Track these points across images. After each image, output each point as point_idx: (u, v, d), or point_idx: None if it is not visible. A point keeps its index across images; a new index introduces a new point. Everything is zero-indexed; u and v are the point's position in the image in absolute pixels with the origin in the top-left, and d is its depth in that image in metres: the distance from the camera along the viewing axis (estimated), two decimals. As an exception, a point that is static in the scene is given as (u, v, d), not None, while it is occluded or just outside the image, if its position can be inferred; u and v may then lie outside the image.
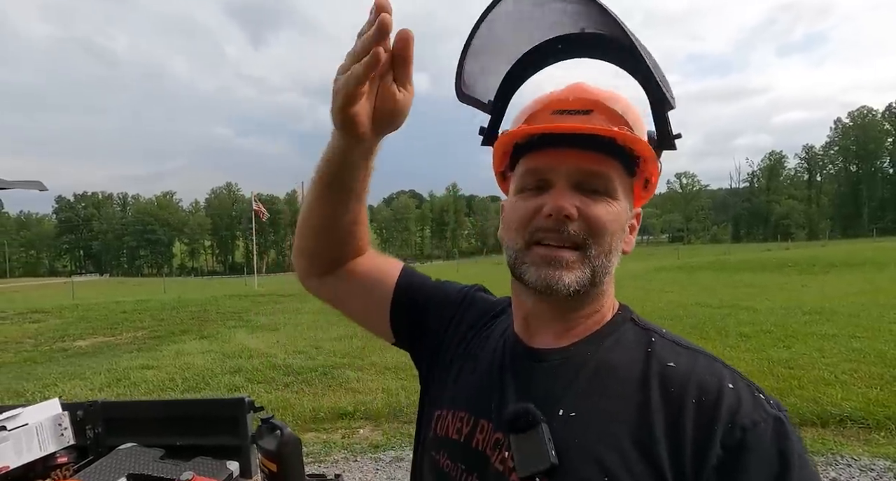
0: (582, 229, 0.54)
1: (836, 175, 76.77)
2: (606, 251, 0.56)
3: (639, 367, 0.55)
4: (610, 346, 0.58)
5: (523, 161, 0.58)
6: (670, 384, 0.53)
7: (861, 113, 73.18)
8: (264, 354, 6.34)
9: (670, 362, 0.55)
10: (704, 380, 0.52)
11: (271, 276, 45.60)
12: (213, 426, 1.38)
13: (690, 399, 0.51)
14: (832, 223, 71.52)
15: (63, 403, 1.37)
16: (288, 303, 12.16)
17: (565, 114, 0.56)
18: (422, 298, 0.73)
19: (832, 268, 14.75)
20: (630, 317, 0.62)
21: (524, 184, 0.58)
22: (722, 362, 0.56)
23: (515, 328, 0.64)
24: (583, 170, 0.55)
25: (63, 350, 7.57)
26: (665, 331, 0.60)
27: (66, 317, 10.95)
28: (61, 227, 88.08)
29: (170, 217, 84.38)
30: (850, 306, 7.72)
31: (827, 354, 4.98)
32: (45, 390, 5.14)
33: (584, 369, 0.57)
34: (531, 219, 0.56)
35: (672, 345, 0.58)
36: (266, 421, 1.17)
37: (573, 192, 0.55)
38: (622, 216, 0.57)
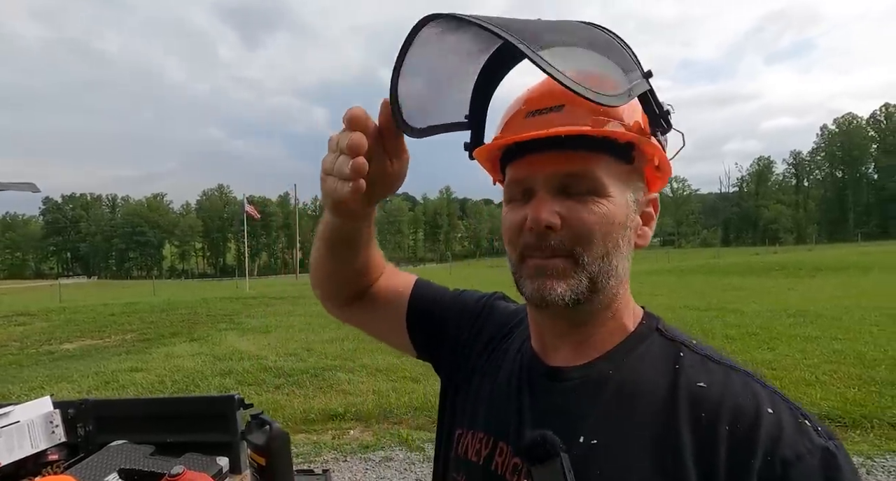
0: (567, 237, 0.50)
1: (822, 180, 78.20)
2: (602, 254, 0.51)
3: (665, 387, 0.50)
4: (633, 362, 0.53)
5: (507, 170, 0.56)
6: (700, 408, 0.47)
7: (846, 120, 74.73)
8: (255, 356, 6.32)
9: (700, 381, 0.49)
10: (739, 404, 0.46)
11: (263, 279, 45.28)
12: (203, 423, 1.40)
13: (723, 425, 0.45)
14: (819, 228, 72.72)
15: (54, 401, 1.39)
16: (279, 305, 12.11)
17: (537, 115, 0.52)
18: (437, 310, 0.71)
19: (818, 271, 15.02)
20: (656, 326, 0.56)
21: (510, 195, 0.55)
22: (761, 381, 0.50)
23: (532, 343, 0.61)
24: (561, 173, 0.50)
25: (49, 353, 7.47)
26: (696, 342, 0.54)
27: (52, 320, 10.81)
28: (48, 229, 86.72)
29: (160, 219, 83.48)
30: (834, 309, 7.89)
31: (809, 356, 5.09)
32: (32, 393, 5.08)
33: (605, 389, 0.52)
34: (519, 233, 0.53)
35: (703, 360, 0.52)
36: (255, 417, 1.20)
37: (556, 198, 0.51)
38: (616, 212, 0.51)
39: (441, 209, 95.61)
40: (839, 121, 75.20)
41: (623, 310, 0.56)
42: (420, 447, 3.53)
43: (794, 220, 75.61)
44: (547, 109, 0.52)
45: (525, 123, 0.53)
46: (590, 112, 0.50)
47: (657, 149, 0.53)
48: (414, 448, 3.52)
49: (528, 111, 0.53)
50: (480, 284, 9.79)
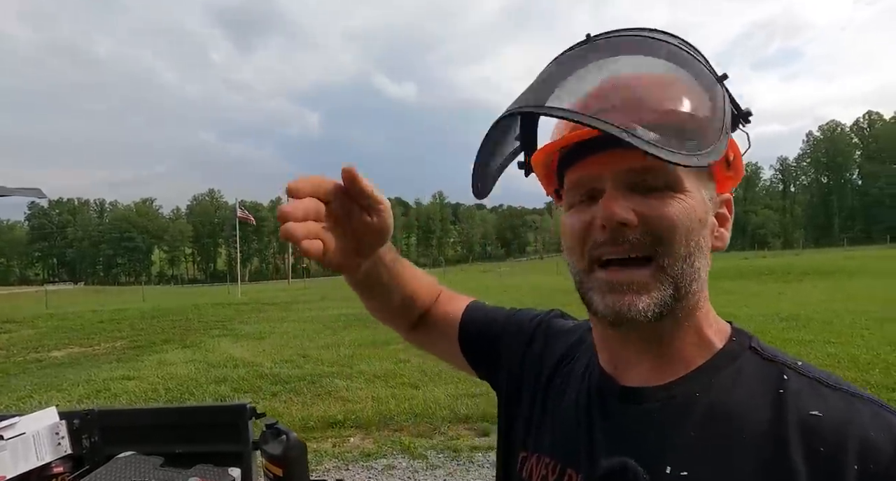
0: (647, 234, 0.44)
1: (808, 186, 79.74)
2: (685, 255, 0.44)
3: (769, 415, 0.42)
4: (726, 385, 0.45)
5: (567, 176, 0.50)
6: (817, 440, 0.40)
7: (830, 126, 76.43)
8: (250, 363, 6.24)
9: (814, 410, 0.41)
10: (870, 438, 0.39)
11: (254, 284, 44.81)
12: (214, 433, 1.37)
13: (851, 464, 0.38)
14: (805, 232, 74.04)
15: (60, 411, 1.35)
16: (272, 311, 12.00)
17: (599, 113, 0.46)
18: (490, 333, 0.70)
19: (806, 276, 15.25)
20: (750, 344, 0.48)
21: (573, 199, 0.50)
22: (891, 409, 0.41)
23: (601, 361, 0.54)
24: (633, 168, 0.45)
25: (38, 361, 7.31)
26: (802, 363, 0.46)
27: (39, 327, 10.59)
28: (34, 234, 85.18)
29: (149, 224, 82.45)
30: (824, 313, 8.01)
31: (804, 359, 5.15)
32: (20, 402, 4.96)
33: (692, 414, 0.45)
34: (586, 236, 0.47)
35: (814, 384, 0.44)
36: (271, 427, 1.18)
37: (627, 194, 0.45)
38: (696, 208, 0.45)
39: (434, 214, 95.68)
40: (824, 128, 76.90)
41: (706, 323, 0.49)
42: (422, 454, 3.50)
43: (781, 225, 76.90)
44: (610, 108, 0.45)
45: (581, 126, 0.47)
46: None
47: (733, 146, 0.48)
48: (416, 456, 3.49)
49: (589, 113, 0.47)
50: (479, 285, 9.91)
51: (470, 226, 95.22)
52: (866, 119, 74.72)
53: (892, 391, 4.02)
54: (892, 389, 4.06)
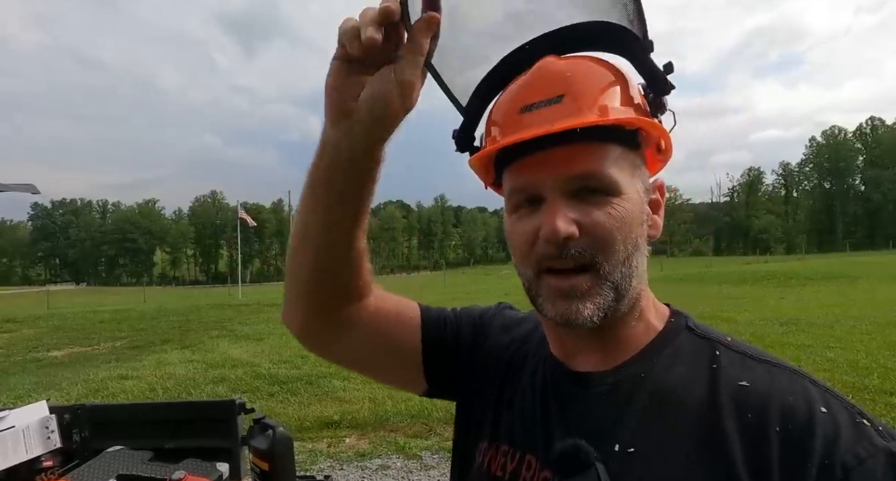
0: (587, 245, 0.46)
1: (811, 191, 79.53)
2: (623, 259, 0.47)
3: (704, 388, 0.46)
4: (666, 363, 0.49)
5: (507, 175, 0.51)
6: (746, 408, 0.44)
7: (833, 132, 76.29)
8: (248, 364, 6.24)
9: (743, 380, 0.46)
10: (789, 403, 0.43)
11: (255, 286, 44.87)
12: (203, 428, 1.38)
13: (773, 427, 0.42)
14: (808, 237, 73.77)
15: (50, 406, 1.37)
16: (272, 312, 11.99)
17: (533, 109, 0.47)
18: (450, 334, 0.65)
19: (808, 280, 15.19)
20: (685, 323, 0.53)
21: (514, 204, 0.51)
22: (809, 377, 0.46)
23: (552, 350, 0.57)
24: (573, 175, 0.46)
25: (37, 360, 7.33)
26: (731, 339, 0.51)
27: (40, 327, 10.62)
28: (36, 235, 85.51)
29: (151, 225, 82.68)
30: (825, 317, 7.97)
31: (802, 364, 5.12)
32: (18, 401, 4.96)
33: (638, 393, 0.48)
34: (532, 245, 0.49)
35: (742, 358, 0.48)
36: (258, 421, 1.19)
37: (569, 202, 0.47)
38: (633, 210, 0.48)
39: (435, 217, 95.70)
40: (827, 134, 76.76)
41: (647, 309, 0.53)
42: (417, 455, 3.49)
43: (783, 230, 76.66)
44: (544, 102, 0.47)
45: (522, 119, 0.48)
46: (589, 99, 0.46)
47: (662, 131, 0.50)
48: (411, 456, 3.49)
49: (523, 106, 0.48)
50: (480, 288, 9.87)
51: (471, 229, 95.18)
52: (869, 124, 74.61)
53: (890, 395, 4.00)
54: (889, 393, 4.04)
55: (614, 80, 0.49)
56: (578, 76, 0.48)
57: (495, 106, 0.54)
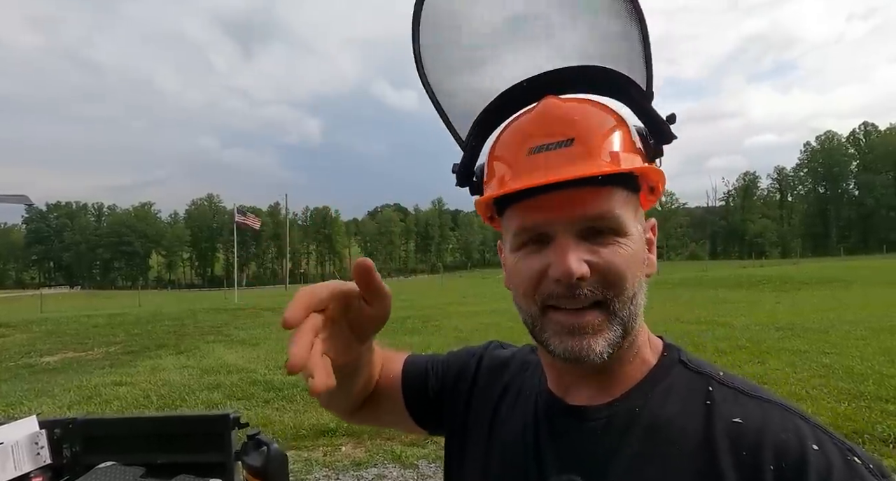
0: (599, 285, 0.47)
1: (805, 196, 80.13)
2: (631, 296, 0.48)
3: (699, 424, 0.47)
4: (660, 398, 0.50)
5: (512, 213, 0.51)
6: (740, 445, 0.44)
7: (827, 137, 77.03)
8: (244, 369, 6.19)
9: (736, 417, 0.46)
10: (782, 440, 0.43)
11: (251, 290, 44.68)
12: (197, 443, 1.36)
13: (768, 464, 0.42)
14: (802, 242, 74.22)
15: (41, 420, 1.34)
16: (268, 316, 11.93)
17: (544, 150, 0.48)
18: (433, 379, 0.68)
19: (803, 285, 15.27)
20: (678, 358, 0.53)
21: (520, 242, 0.50)
22: (800, 414, 0.46)
23: (549, 384, 0.57)
24: (585, 216, 0.47)
25: (29, 366, 7.25)
26: (723, 374, 0.51)
27: (33, 332, 10.51)
28: (31, 238, 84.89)
29: (147, 228, 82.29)
30: (820, 322, 7.99)
31: (798, 370, 5.14)
32: (10, 409, 4.91)
33: (633, 428, 0.49)
34: (538, 283, 0.49)
35: (735, 393, 0.49)
36: (252, 437, 1.17)
37: (578, 243, 0.47)
38: (638, 250, 0.49)
39: (433, 220, 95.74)
40: (821, 139, 77.48)
41: (644, 344, 0.53)
42: (413, 464, 3.47)
43: (779, 234, 77.12)
44: (554, 144, 0.48)
45: (532, 161, 0.48)
46: (597, 145, 0.48)
47: (662, 177, 0.52)
48: (408, 465, 3.46)
49: (533, 146, 0.49)
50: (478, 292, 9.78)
51: (468, 233, 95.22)
52: (862, 130, 75.37)
53: (886, 402, 4.01)
54: (885, 400, 4.05)
55: (616, 124, 0.50)
56: (585, 120, 0.49)
57: (498, 142, 0.54)
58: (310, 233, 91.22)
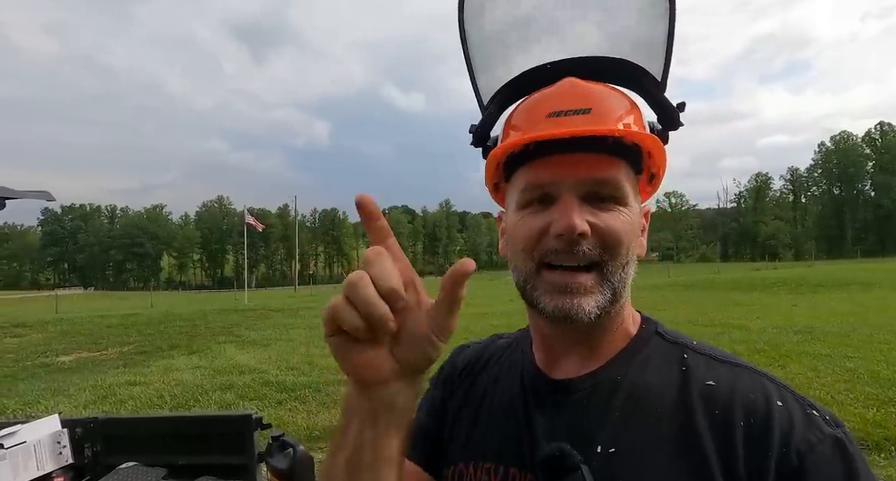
0: (597, 245, 0.49)
1: (820, 197, 78.80)
2: (623, 264, 0.51)
3: (676, 389, 0.50)
4: (640, 366, 0.53)
5: (521, 172, 0.53)
6: (714, 405, 0.48)
7: (842, 137, 75.75)
8: (256, 370, 6.20)
9: (709, 380, 0.50)
10: (750, 399, 0.48)
11: (261, 290, 45.02)
12: (218, 444, 1.33)
13: (738, 421, 0.46)
14: (816, 244, 72.93)
15: (63, 419, 1.32)
16: (279, 317, 11.98)
17: (563, 115, 0.51)
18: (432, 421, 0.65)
19: (820, 287, 14.95)
20: (656, 330, 0.57)
21: (527, 199, 0.52)
22: (767, 375, 0.51)
23: (536, 359, 0.59)
24: (591, 179, 0.50)
25: (45, 365, 7.33)
26: (696, 342, 0.55)
27: (48, 332, 10.66)
28: (46, 240, 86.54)
29: (159, 230, 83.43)
30: (841, 326, 7.81)
31: (822, 374, 5.00)
32: (27, 407, 4.96)
33: (616, 396, 0.52)
34: (539, 239, 0.51)
35: (707, 359, 0.53)
36: (277, 439, 1.14)
37: (582, 205, 0.50)
38: (635, 222, 0.52)
39: (440, 222, 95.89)
40: (836, 139, 76.19)
41: (627, 317, 0.57)
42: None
43: (792, 236, 75.91)
44: (572, 111, 0.51)
45: (548, 123, 0.51)
46: (613, 117, 0.51)
47: (663, 161, 0.54)
48: (422, 468, 3.41)
49: (552, 111, 0.52)
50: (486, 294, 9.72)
51: (476, 235, 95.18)
52: (878, 129, 73.94)
53: (916, 408, 3.87)
54: (915, 406, 3.91)
55: (631, 107, 0.54)
56: (602, 96, 0.53)
57: (516, 111, 0.58)
58: (318, 234, 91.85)
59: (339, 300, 0.37)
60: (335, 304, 0.37)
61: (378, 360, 0.39)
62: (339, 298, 0.37)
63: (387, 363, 0.39)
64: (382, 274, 0.37)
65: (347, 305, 0.36)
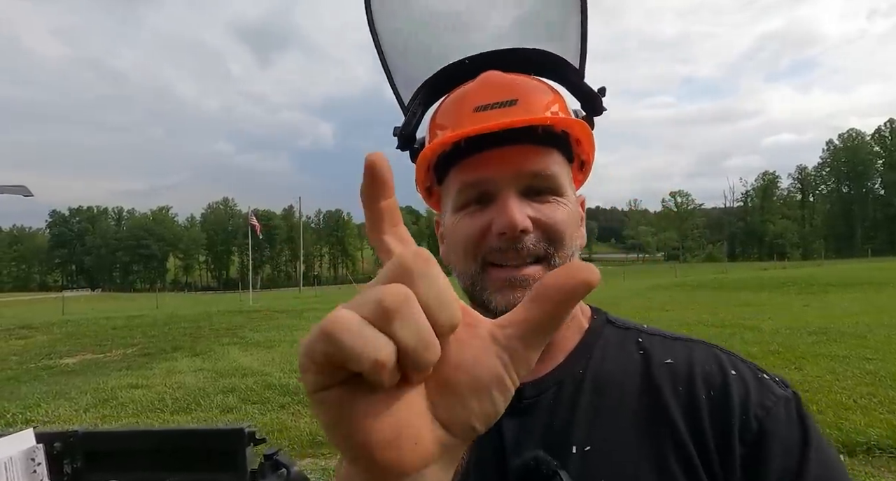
0: (541, 240, 0.49)
1: (828, 195, 77.90)
2: (569, 255, 0.50)
3: (638, 373, 0.50)
4: (599, 357, 0.52)
5: (455, 173, 0.52)
6: (676, 382, 0.48)
7: (850, 135, 74.91)
8: (259, 372, 6.12)
9: (668, 359, 0.50)
10: (707, 371, 0.49)
11: (266, 292, 45.13)
12: (209, 460, 1.23)
13: (700, 394, 0.47)
14: (825, 243, 72.06)
15: (38, 433, 1.22)
16: (283, 319, 11.92)
17: (489, 109, 0.49)
18: None
19: (831, 287, 14.69)
20: (607, 319, 0.57)
21: (464, 200, 0.51)
22: (717, 347, 0.52)
23: None
24: (527, 172, 0.49)
25: (49, 367, 7.30)
26: (646, 326, 0.56)
27: (54, 333, 10.66)
28: (54, 242, 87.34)
29: (164, 232, 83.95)
30: (856, 326, 7.61)
31: (840, 377, 4.83)
32: (28, 411, 4.90)
33: (581, 391, 0.50)
34: (481, 240, 0.50)
35: (661, 339, 0.53)
36: (270, 457, 1.04)
37: (521, 200, 0.49)
38: (574, 212, 0.52)
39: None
40: (844, 137, 75.31)
41: (577, 310, 0.56)
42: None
43: (800, 235, 75.08)
44: (498, 104, 0.50)
45: (476, 118, 0.50)
46: (539, 107, 0.50)
47: (592, 148, 0.54)
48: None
49: (477, 106, 0.50)
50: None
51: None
52: (888, 127, 73.00)
53: (944, 413, 3.71)
54: (942, 411, 3.75)
55: (555, 96, 0.54)
56: (526, 86, 0.52)
57: (440, 109, 0.56)
58: (322, 235, 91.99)
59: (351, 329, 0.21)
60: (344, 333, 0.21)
61: (413, 424, 0.23)
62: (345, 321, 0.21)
63: (427, 429, 0.23)
64: (439, 299, 0.22)
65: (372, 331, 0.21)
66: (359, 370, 0.21)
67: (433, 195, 0.59)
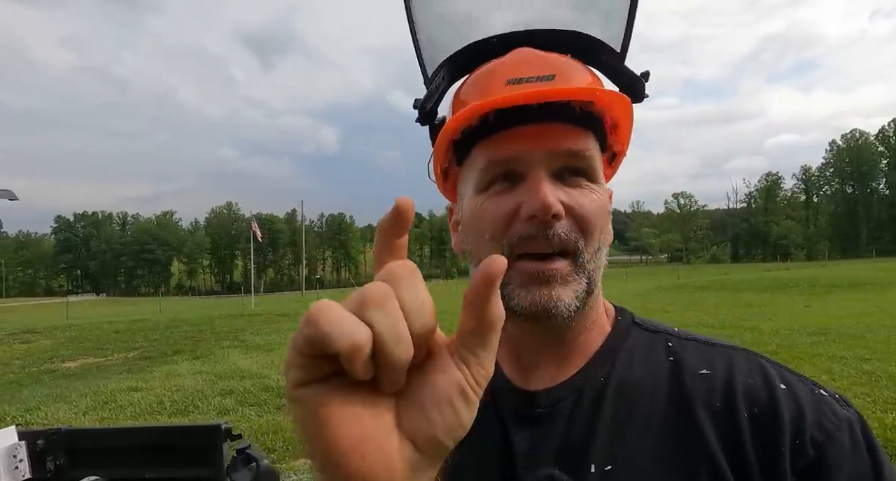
0: (572, 229, 0.43)
1: (832, 196, 77.42)
2: (596, 249, 0.45)
3: (667, 381, 0.44)
4: (625, 362, 0.47)
5: (480, 149, 0.46)
6: (712, 396, 0.42)
7: (854, 136, 74.49)
8: (257, 375, 6.16)
9: (703, 369, 0.44)
10: (750, 386, 0.42)
11: (268, 295, 45.29)
12: (187, 456, 1.26)
13: (741, 413, 0.41)
14: (830, 243, 71.58)
15: (21, 431, 1.26)
16: (284, 322, 11.97)
17: (524, 82, 0.44)
18: None
19: (834, 288, 14.62)
20: (632, 320, 0.51)
21: (489, 179, 0.45)
22: (762, 356, 0.46)
23: (506, 372, 0.51)
24: (562, 151, 0.44)
25: (51, 371, 7.37)
26: (676, 329, 0.50)
27: (57, 338, 10.75)
28: (59, 247, 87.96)
29: (169, 236, 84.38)
30: (856, 327, 7.58)
31: (837, 377, 4.83)
32: (28, 414, 4.96)
33: (603, 400, 0.45)
34: (508, 224, 0.44)
35: (694, 344, 0.47)
36: (241, 452, 1.07)
37: (553, 182, 0.43)
38: (606, 203, 0.47)
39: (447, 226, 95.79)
40: (847, 137, 74.91)
41: (601, 311, 0.50)
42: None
43: (804, 236, 74.62)
44: (535, 77, 0.45)
45: (508, 90, 0.45)
46: (583, 82, 0.47)
47: (628, 137, 0.50)
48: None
49: (511, 78, 0.46)
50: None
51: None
52: (892, 127, 72.60)
53: (939, 413, 3.70)
54: (938, 411, 3.74)
55: (594, 77, 0.50)
56: (565, 62, 0.48)
57: (465, 84, 0.52)
58: (325, 239, 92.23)
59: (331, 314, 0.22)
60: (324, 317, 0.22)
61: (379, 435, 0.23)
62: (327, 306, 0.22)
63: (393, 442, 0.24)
64: (417, 303, 0.24)
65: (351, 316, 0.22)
66: (336, 351, 0.21)
67: (449, 179, 0.52)
